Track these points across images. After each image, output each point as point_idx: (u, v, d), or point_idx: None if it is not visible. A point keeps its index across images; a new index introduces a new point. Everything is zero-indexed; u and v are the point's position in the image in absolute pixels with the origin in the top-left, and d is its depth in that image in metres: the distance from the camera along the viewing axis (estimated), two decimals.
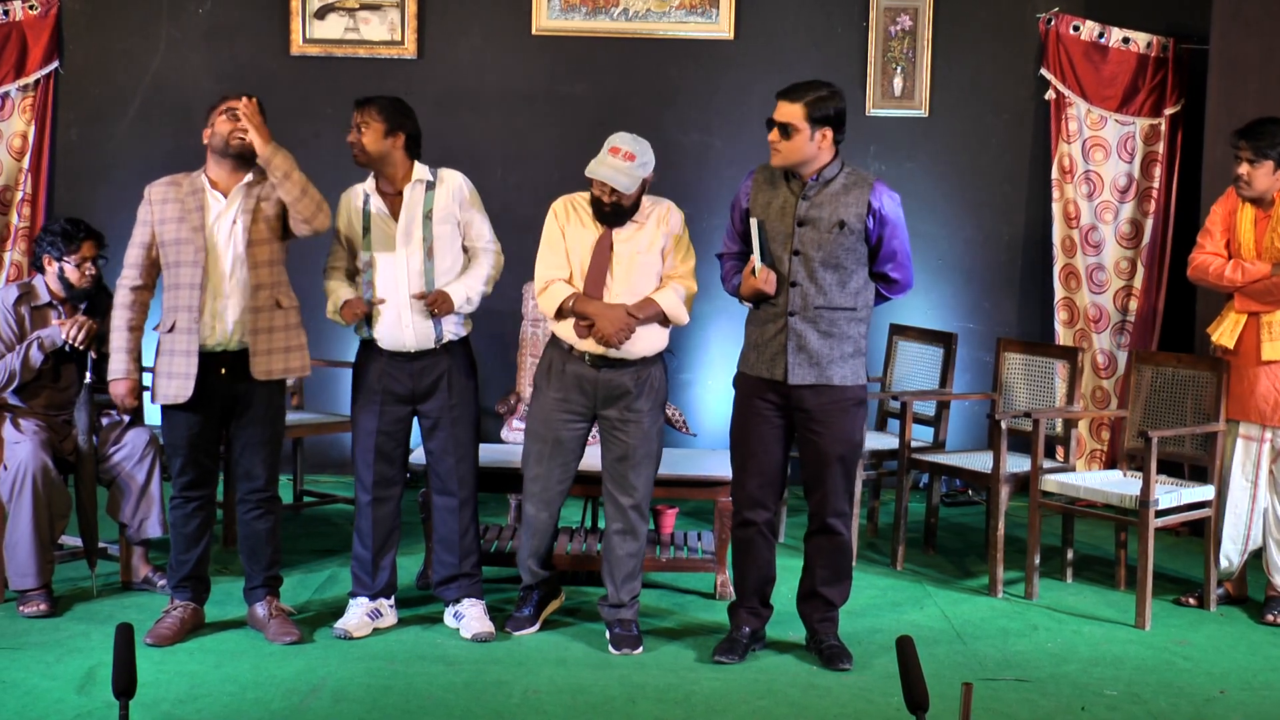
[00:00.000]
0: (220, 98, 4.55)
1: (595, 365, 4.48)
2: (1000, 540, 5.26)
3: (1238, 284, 4.87)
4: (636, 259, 4.47)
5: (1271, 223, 4.84)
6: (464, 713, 3.95)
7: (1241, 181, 4.87)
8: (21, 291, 4.94)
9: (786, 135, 4.27)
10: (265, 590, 4.62)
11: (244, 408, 4.50)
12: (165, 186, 4.51)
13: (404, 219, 4.53)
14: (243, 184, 4.46)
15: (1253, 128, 4.89)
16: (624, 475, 4.52)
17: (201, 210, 4.43)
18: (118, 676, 2.64)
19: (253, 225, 4.44)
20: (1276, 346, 4.83)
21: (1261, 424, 4.92)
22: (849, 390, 4.34)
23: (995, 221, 7.09)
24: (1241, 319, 4.91)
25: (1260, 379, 4.89)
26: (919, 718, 2.53)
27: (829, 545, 4.45)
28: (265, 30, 6.97)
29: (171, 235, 4.43)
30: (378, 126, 4.48)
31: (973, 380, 7.01)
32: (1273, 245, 4.82)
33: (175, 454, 4.52)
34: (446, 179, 4.61)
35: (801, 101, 4.27)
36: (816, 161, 4.31)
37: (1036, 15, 6.93)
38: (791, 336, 4.32)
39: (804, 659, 4.47)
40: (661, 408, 4.58)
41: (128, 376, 4.47)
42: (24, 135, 6.88)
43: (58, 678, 4.15)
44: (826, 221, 4.28)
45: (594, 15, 6.93)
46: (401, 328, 4.52)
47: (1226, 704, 4.18)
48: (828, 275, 4.30)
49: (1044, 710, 4.08)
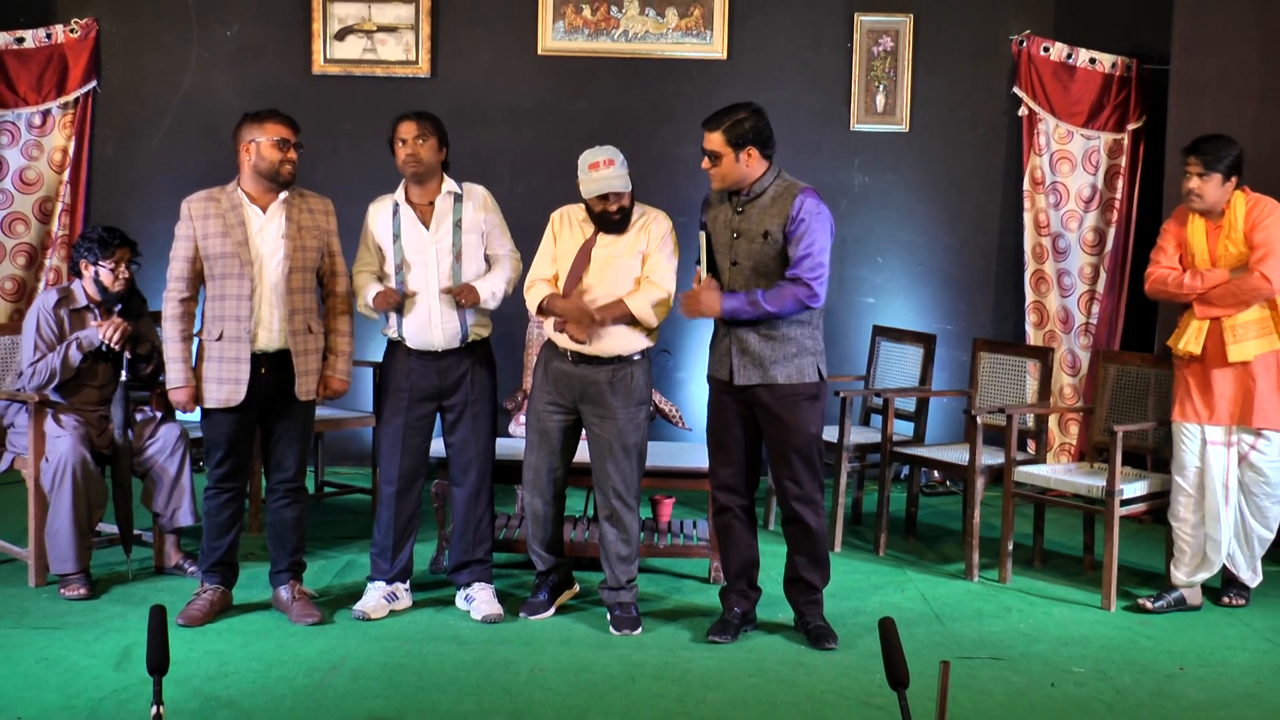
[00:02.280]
0: (256, 114, 4.46)
1: (575, 362, 4.49)
2: (976, 528, 5.26)
3: (1198, 291, 4.76)
4: (613, 262, 4.47)
5: (1223, 230, 4.76)
6: (474, 689, 3.95)
7: (1193, 195, 4.77)
8: (61, 295, 4.94)
9: (715, 162, 4.33)
10: (289, 575, 4.62)
11: (283, 405, 4.51)
12: (204, 202, 4.46)
13: (435, 227, 4.53)
14: (280, 200, 4.46)
15: (1200, 144, 4.81)
16: (603, 468, 4.52)
17: (243, 225, 4.42)
18: (152, 654, 2.64)
19: (293, 253, 4.44)
20: (1244, 347, 4.72)
21: (1229, 426, 4.78)
22: (798, 388, 4.33)
23: (971, 230, 7.09)
24: (1204, 325, 4.78)
25: (1227, 381, 4.77)
26: (900, 694, 2.53)
27: (800, 533, 4.45)
28: (288, 51, 6.97)
29: (217, 249, 4.40)
30: (434, 140, 4.50)
31: (950, 378, 7.01)
32: (1227, 252, 4.75)
33: (215, 449, 4.51)
34: (473, 192, 4.62)
35: (720, 129, 4.30)
36: (750, 178, 4.33)
37: (1009, 37, 6.93)
38: (734, 341, 4.35)
39: (792, 639, 4.48)
40: (640, 406, 4.54)
41: (187, 384, 4.45)
42: (64, 150, 6.89)
43: (96, 655, 4.15)
44: (754, 232, 4.30)
45: (595, 36, 6.93)
46: (431, 327, 4.52)
47: (1185, 680, 4.19)
48: (760, 282, 4.31)
49: (1016, 686, 4.09)
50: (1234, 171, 4.76)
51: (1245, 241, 4.71)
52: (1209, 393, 4.80)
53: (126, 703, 3.77)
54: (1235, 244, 4.74)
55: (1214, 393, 4.78)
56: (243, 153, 4.45)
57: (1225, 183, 4.75)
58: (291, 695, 3.87)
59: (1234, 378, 4.77)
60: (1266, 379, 4.74)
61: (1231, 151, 4.75)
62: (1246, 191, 4.80)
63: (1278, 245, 4.66)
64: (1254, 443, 4.79)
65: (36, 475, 4.77)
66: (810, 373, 4.35)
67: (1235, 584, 4.97)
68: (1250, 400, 4.73)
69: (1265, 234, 4.69)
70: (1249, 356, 4.72)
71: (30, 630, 4.38)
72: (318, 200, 4.61)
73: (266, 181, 4.43)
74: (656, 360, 6.91)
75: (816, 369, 4.37)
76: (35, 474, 4.77)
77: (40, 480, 4.76)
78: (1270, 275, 4.64)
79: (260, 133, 4.41)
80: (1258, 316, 4.73)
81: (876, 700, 3.91)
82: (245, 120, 4.47)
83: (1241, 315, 4.73)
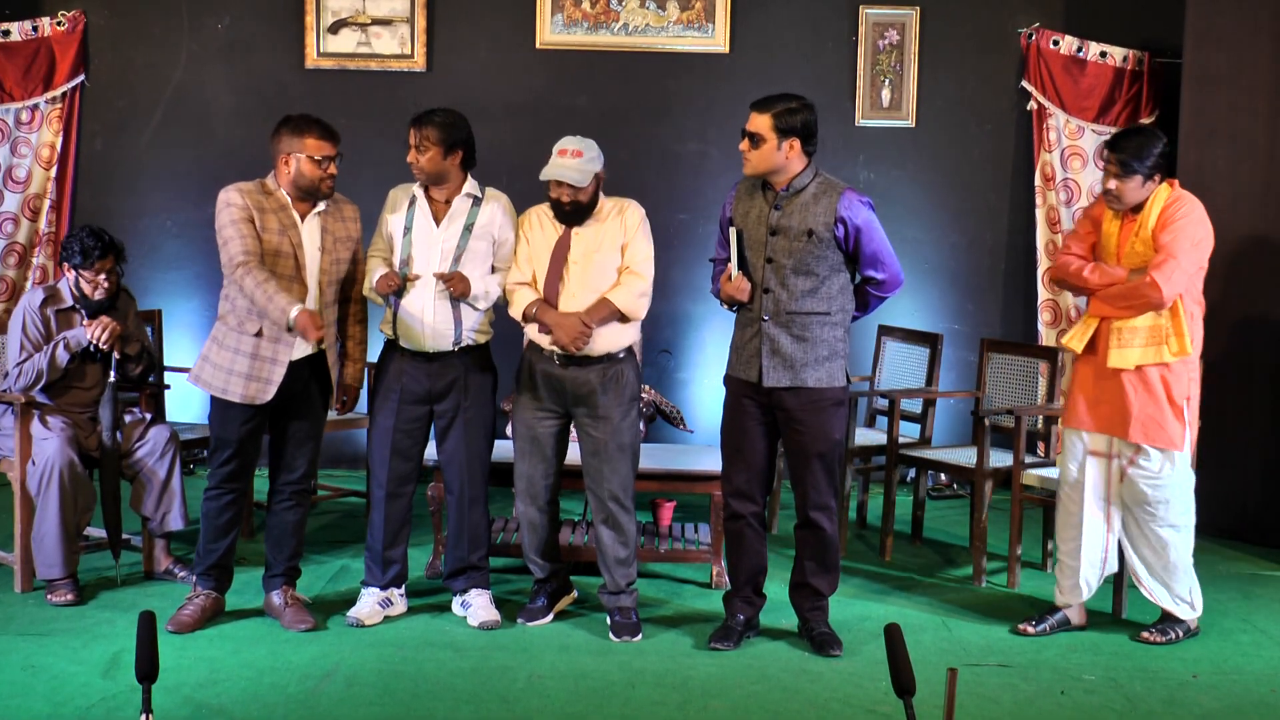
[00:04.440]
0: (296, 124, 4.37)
1: (563, 364, 4.48)
2: (983, 532, 5.25)
3: (1093, 285, 4.46)
4: (593, 258, 4.46)
5: (1136, 227, 4.42)
6: (471, 696, 3.95)
7: (1111, 196, 4.42)
8: (47, 294, 4.92)
9: (755, 144, 4.29)
10: (284, 579, 4.62)
11: (300, 406, 4.51)
12: (255, 195, 4.38)
13: (445, 226, 4.52)
14: (317, 211, 4.44)
15: (1119, 141, 4.43)
16: (598, 470, 4.51)
17: (296, 227, 4.40)
18: (141, 662, 2.63)
19: (330, 266, 4.45)
20: (1125, 354, 4.39)
21: (1109, 435, 4.49)
22: (826, 392, 4.33)
23: (979, 227, 7.08)
24: (1093, 324, 4.48)
25: (1109, 388, 4.45)
26: (906, 702, 2.53)
27: (813, 538, 4.45)
28: (281, 45, 6.96)
29: (273, 245, 4.36)
30: (435, 149, 4.46)
31: (957, 379, 7.00)
32: (1134, 250, 4.42)
33: (224, 447, 4.48)
34: (493, 199, 4.60)
35: (770, 112, 4.28)
36: (787, 171, 4.31)
37: (1018, 30, 6.93)
38: (765, 340, 4.32)
39: (796, 646, 4.47)
40: (632, 403, 4.53)
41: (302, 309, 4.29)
42: (52, 145, 6.88)
43: (84, 663, 4.15)
44: (796, 230, 4.28)
45: (595, 30, 6.92)
46: (424, 326, 4.50)
47: (1198, 688, 4.18)
48: (799, 281, 4.29)
49: (1025, 694, 4.08)
50: (1157, 170, 4.39)
51: (1153, 240, 4.38)
52: (1093, 398, 4.53)
53: (115, 710, 3.77)
54: (1144, 242, 4.40)
55: (1098, 399, 4.51)
56: (280, 163, 4.41)
57: (1147, 182, 4.39)
58: (284, 703, 3.86)
59: (1117, 385, 4.44)
60: (1148, 391, 4.40)
61: (1153, 149, 4.37)
62: (1173, 185, 4.46)
63: (1182, 251, 4.31)
64: (1133, 457, 4.47)
65: (23, 478, 4.77)
66: (839, 377, 4.36)
67: (1168, 617, 4.62)
68: (1128, 410, 4.42)
69: (1172, 237, 4.33)
70: (1128, 364, 4.39)
71: (16, 637, 4.37)
72: (350, 207, 4.60)
73: (304, 193, 4.42)
74: (657, 360, 6.92)
75: (844, 373, 4.38)
76: (22, 477, 4.77)
77: (27, 483, 4.76)
78: (1162, 283, 4.29)
79: (300, 148, 4.36)
80: (1150, 324, 4.38)
81: (882, 708, 3.91)
82: (284, 129, 4.40)
83: (1133, 320, 4.39)
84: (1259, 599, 5.17)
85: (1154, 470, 4.46)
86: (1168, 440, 4.43)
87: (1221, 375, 5.82)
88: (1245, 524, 6.05)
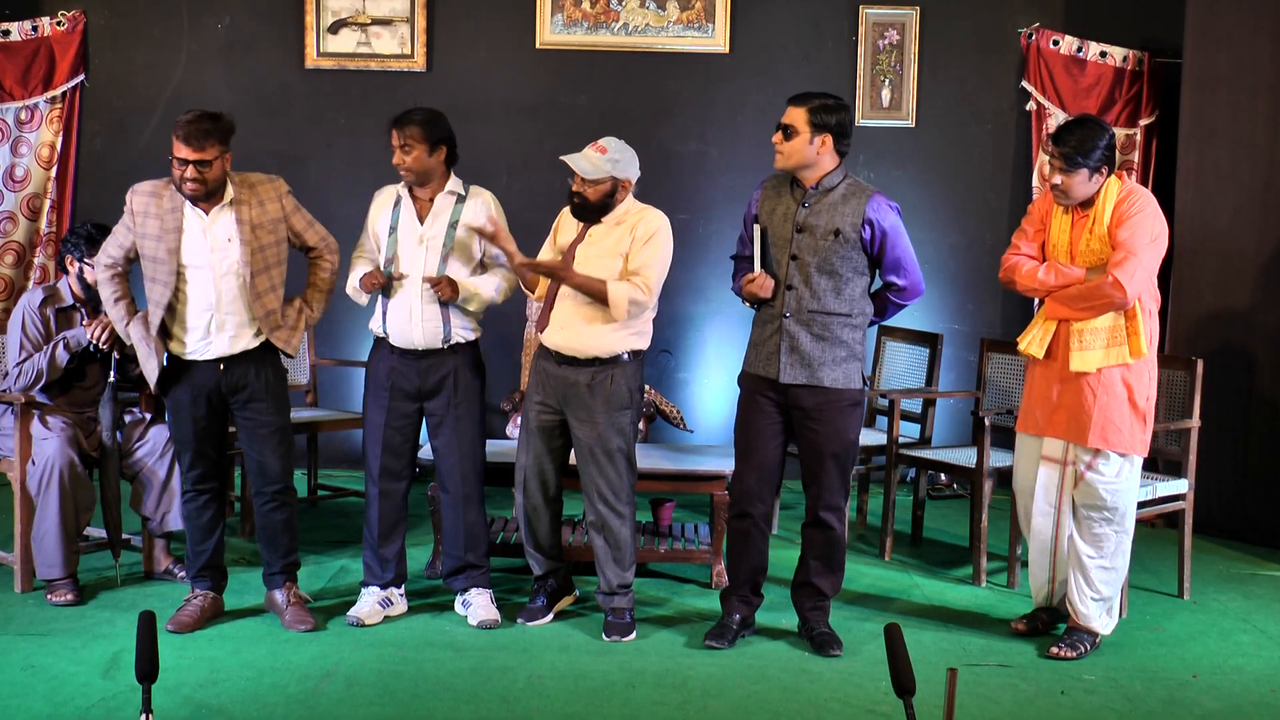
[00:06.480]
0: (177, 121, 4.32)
1: (559, 362, 4.50)
2: (984, 532, 5.26)
3: (1049, 287, 4.33)
4: (592, 260, 4.46)
5: (1089, 224, 4.29)
6: (470, 696, 3.95)
7: (1058, 191, 4.28)
8: (47, 294, 4.93)
9: (788, 136, 4.30)
10: (284, 576, 4.62)
11: (246, 402, 4.50)
12: (146, 198, 4.40)
13: (430, 224, 4.53)
14: (226, 203, 4.39)
15: (1063, 134, 4.26)
16: (585, 471, 4.53)
17: (178, 231, 4.37)
18: (140, 662, 2.64)
19: (251, 257, 4.39)
20: (1087, 357, 4.27)
21: (1066, 440, 4.38)
22: (844, 393, 4.34)
23: (979, 227, 7.09)
24: (1051, 327, 4.36)
25: (1067, 392, 4.35)
26: (906, 702, 2.53)
27: (821, 538, 4.46)
28: (281, 45, 6.97)
29: (150, 251, 4.39)
30: (420, 148, 4.46)
31: (957, 379, 7.01)
32: (1089, 247, 4.29)
33: (183, 449, 4.54)
34: (477, 195, 4.60)
35: (806, 106, 4.30)
36: (818, 168, 4.32)
37: (1018, 30, 6.93)
38: (785, 338, 4.32)
39: (796, 645, 4.48)
40: (621, 411, 4.49)
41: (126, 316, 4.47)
42: (52, 145, 6.89)
43: (84, 663, 4.15)
44: (823, 229, 4.28)
45: (595, 30, 6.93)
46: (412, 324, 4.51)
47: (1198, 688, 4.19)
48: (822, 280, 4.30)
49: (1025, 694, 4.09)
50: (1104, 163, 4.24)
51: (1109, 237, 4.26)
52: (1049, 402, 4.42)
53: (115, 711, 3.77)
54: (1099, 239, 4.28)
55: (1054, 403, 4.39)
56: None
57: (1094, 176, 4.25)
58: (284, 703, 3.87)
59: (1076, 389, 4.33)
60: (1110, 394, 4.30)
61: (1099, 142, 4.21)
62: (1123, 178, 4.33)
63: (1141, 248, 4.20)
64: (1091, 461, 4.36)
65: (23, 478, 4.77)
66: (856, 378, 4.37)
67: (1077, 629, 4.46)
68: (1087, 415, 4.31)
69: (1130, 233, 4.21)
70: (1090, 367, 4.29)
71: (16, 637, 4.37)
72: (266, 187, 4.49)
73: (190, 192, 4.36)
74: (657, 360, 6.92)
75: (861, 375, 4.39)
76: (21, 477, 4.77)
77: (27, 483, 4.76)
78: (1124, 282, 4.18)
79: (173, 147, 4.32)
80: (1110, 324, 4.27)
81: (882, 708, 3.91)
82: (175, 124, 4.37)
83: (1094, 320, 4.28)
84: (1259, 599, 5.17)
85: (1111, 475, 4.38)
86: (1128, 444, 4.37)
87: (1221, 375, 5.83)
88: (1245, 524, 6.05)
